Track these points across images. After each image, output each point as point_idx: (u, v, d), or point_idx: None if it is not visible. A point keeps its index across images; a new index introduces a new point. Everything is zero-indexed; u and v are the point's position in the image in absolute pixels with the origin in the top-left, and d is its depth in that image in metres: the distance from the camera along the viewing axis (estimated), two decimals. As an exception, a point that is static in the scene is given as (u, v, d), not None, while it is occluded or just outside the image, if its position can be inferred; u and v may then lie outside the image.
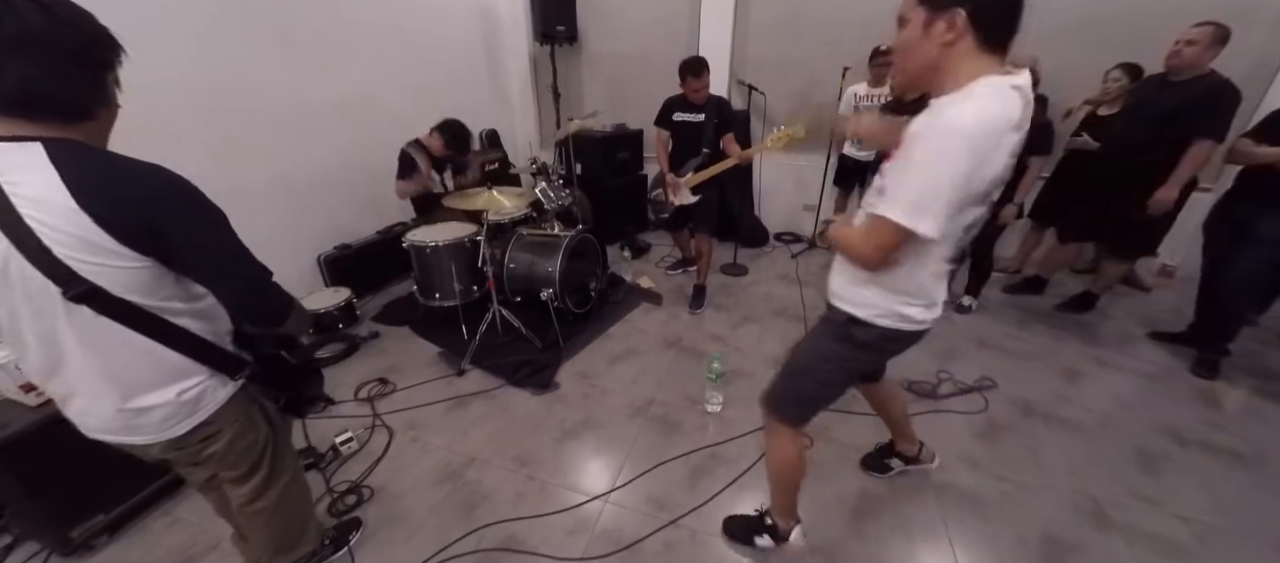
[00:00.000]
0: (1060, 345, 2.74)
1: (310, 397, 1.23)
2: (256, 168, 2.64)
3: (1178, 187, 2.42)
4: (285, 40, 2.77)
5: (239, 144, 2.58)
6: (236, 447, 1.09)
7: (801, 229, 4.36)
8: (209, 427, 1.03)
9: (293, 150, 2.86)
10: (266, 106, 2.72)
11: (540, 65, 4.67)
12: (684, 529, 1.68)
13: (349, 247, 3.23)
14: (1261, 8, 2.90)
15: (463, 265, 2.70)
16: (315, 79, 2.95)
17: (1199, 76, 2.30)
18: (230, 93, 2.54)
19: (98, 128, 0.85)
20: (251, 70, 2.62)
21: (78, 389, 0.93)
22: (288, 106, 2.82)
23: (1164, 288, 3.42)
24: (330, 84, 3.04)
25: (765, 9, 3.96)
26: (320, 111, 3.00)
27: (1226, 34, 2.24)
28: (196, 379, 0.98)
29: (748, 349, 2.72)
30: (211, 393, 1.00)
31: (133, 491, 1.68)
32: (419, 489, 1.85)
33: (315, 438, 1.97)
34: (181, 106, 2.31)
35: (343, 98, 3.13)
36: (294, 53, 2.82)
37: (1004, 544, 1.63)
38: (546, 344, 2.64)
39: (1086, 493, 1.81)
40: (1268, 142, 2.16)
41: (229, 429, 1.06)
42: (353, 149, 3.22)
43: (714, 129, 2.80)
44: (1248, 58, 2.87)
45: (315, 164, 3.01)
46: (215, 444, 1.05)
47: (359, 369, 2.54)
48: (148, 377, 0.93)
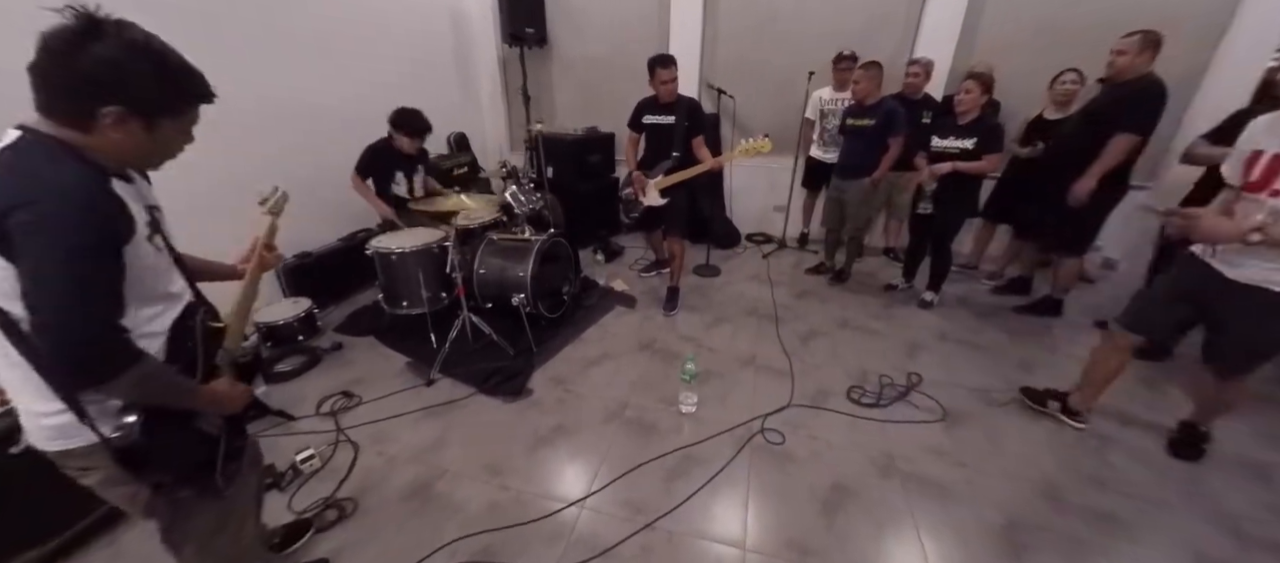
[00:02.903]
0: (1015, 337, 2.87)
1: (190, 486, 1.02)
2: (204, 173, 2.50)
3: (1094, 178, 2.52)
4: (238, 38, 2.65)
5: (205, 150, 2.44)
6: (112, 492, 0.99)
7: (772, 230, 4.44)
8: (78, 459, 0.93)
9: (245, 154, 2.73)
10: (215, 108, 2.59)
11: (510, 67, 4.61)
12: (660, 532, 1.68)
13: (309, 255, 3.10)
14: (1189, 17, 3.12)
15: (430, 272, 2.63)
16: (270, 79, 2.83)
17: (1132, 79, 2.45)
18: None
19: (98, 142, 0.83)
20: (217, 74, 2.49)
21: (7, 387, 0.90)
22: (239, 108, 2.67)
23: (1105, 280, 3.63)
24: (288, 84, 2.92)
25: (733, 14, 4.02)
26: (276, 113, 2.88)
27: (1157, 39, 2.39)
28: (54, 407, 0.88)
29: (721, 349, 2.74)
30: (74, 428, 0.89)
31: (70, 522, 1.56)
32: (387, 505, 1.78)
33: (274, 456, 1.89)
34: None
35: (301, 99, 3.01)
36: (248, 51, 2.70)
37: (967, 529, 1.69)
38: (519, 351, 2.60)
39: (1043, 477, 1.89)
40: (1225, 144, 2.20)
41: (98, 471, 0.95)
42: (313, 152, 3.10)
43: (685, 131, 2.82)
44: (1179, 63, 3.08)
45: (271, 168, 2.85)
46: (89, 478, 0.97)
47: (321, 383, 2.45)
48: (22, 385, 0.88)
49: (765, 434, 2.09)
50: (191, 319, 1.01)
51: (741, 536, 1.67)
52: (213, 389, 1.01)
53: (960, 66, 3.53)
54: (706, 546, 1.64)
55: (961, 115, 2.75)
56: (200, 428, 1.00)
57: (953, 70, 3.60)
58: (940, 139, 2.83)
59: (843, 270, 3.59)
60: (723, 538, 1.66)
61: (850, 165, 3.22)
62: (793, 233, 4.35)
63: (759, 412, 2.22)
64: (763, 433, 2.10)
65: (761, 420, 2.17)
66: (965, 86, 2.70)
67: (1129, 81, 2.45)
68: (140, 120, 0.84)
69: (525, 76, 4.34)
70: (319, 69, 3.12)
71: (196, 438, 1.00)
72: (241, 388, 1.08)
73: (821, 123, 3.78)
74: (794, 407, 2.27)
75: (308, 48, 3.04)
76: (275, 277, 2.97)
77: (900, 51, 3.68)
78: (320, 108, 3.12)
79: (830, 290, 3.50)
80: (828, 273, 3.68)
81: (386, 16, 3.54)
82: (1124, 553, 1.61)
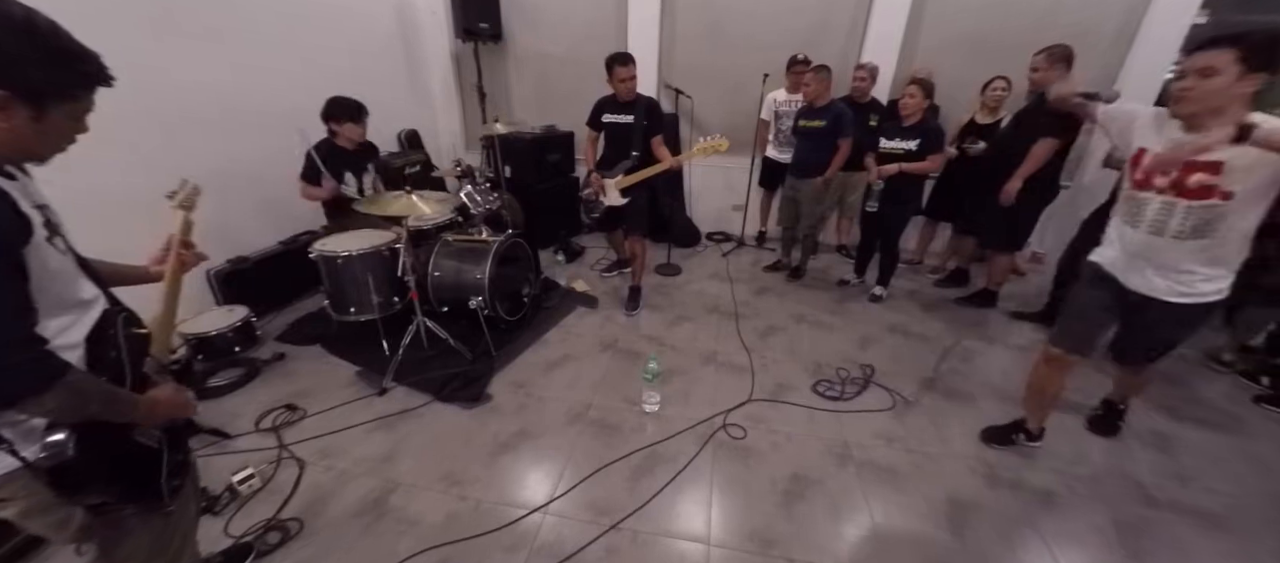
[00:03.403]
0: (957, 327, 3.06)
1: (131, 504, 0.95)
2: (121, 172, 2.29)
3: (1020, 180, 2.73)
4: (161, 26, 2.43)
5: (97, 144, 2.22)
6: (34, 522, 0.90)
7: (731, 228, 4.52)
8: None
9: (170, 152, 2.51)
10: (134, 101, 2.36)
11: (463, 63, 4.47)
12: (625, 532, 1.67)
13: (246, 259, 2.89)
14: (1102, 27, 3.41)
15: (381, 276, 2.51)
16: (199, 71, 2.61)
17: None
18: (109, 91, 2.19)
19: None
20: (117, 59, 2.28)
21: None
22: (162, 102, 2.47)
23: (1036, 273, 3.92)
24: (218, 77, 2.71)
25: (691, 16, 4.06)
26: (205, 108, 2.66)
27: (1065, 54, 2.61)
28: None
29: (683, 347, 2.77)
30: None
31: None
32: (337, 523, 1.69)
33: (208, 479, 1.75)
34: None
35: (234, 93, 2.80)
36: (172, 41, 2.48)
37: (915, 509, 1.79)
38: (477, 355, 2.53)
39: (980, 457, 2.03)
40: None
41: (20, 501, 0.87)
42: (247, 150, 2.89)
43: (644, 131, 2.83)
44: (1094, 70, 3.37)
45: (199, 167, 2.62)
46: (6, 510, 0.88)
47: (261, 396, 2.29)
48: None
49: (727, 430, 2.13)
50: (111, 326, 0.92)
51: (706, 531, 1.69)
52: (153, 398, 0.93)
53: (903, 72, 3.72)
54: (671, 543, 1.65)
55: (905, 118, 2.89)
56: (139, 442, 0.92)
57: (896, 75, 3.78)
58: (887, 140, 2.97)
59: (799, 267, 3.71)
60: (688, 535, 1.68)
61: (803, 165, 3.33)
62: (751, 231, 4.45)
63: (721, 408, 2.25)
64: (725, 428, 2.14)
65: (723, 416, 2.20)
66: (908, 91, 2.85)
67: (1044, 93, 2.65)
68: (27, 108, 0.76)
69: (480, 73, 4.22)
70: (254, 61, 2.91)
71: (137, 452, 0.92)
72: (185, 393, 1.01)
73: (777, 124, 3.88)
74: (754, 401, 2.32)
75: (243, 39, 2.83)
76: (207, 284, 2.75)
77: (849, 57, 3.84)
78: (256, 103, 2.92)
79: (787, 287, 3.61)
80: (785, 270, 3.79)
81: (327, 6, 3.34)
82: (1051, 524, 1.75)
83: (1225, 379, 2.63)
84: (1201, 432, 2.22)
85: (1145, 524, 1.76)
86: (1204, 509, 1.82)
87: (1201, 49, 1.38)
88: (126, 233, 1.23)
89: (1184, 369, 2.69)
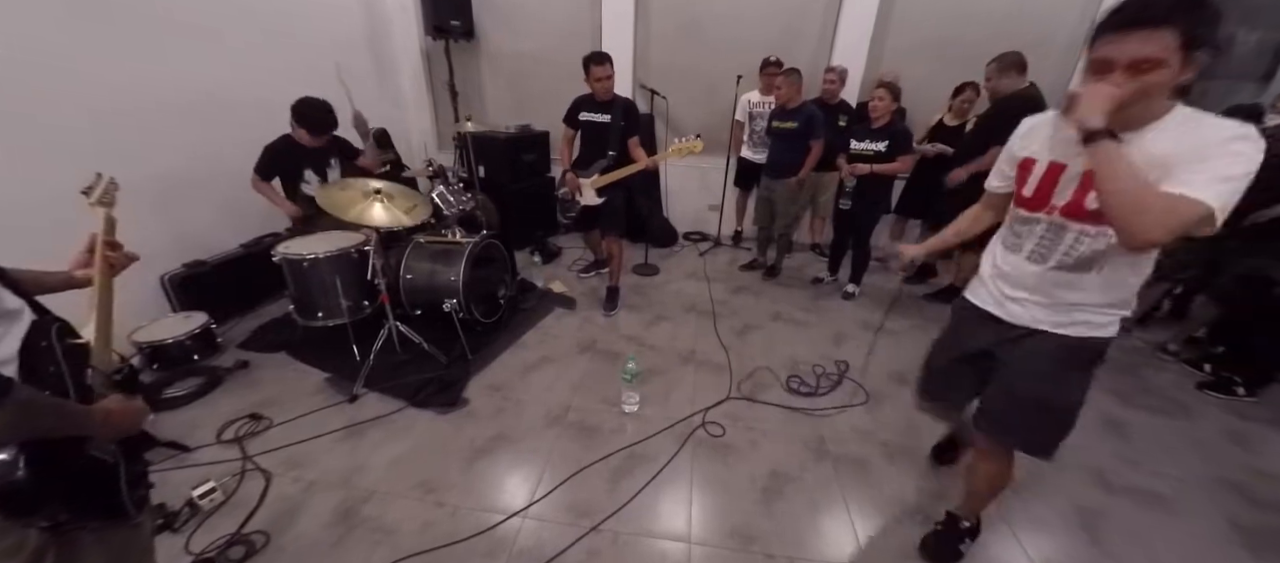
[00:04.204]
0: (928, 323, 3.15)
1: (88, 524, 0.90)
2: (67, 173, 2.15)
3: (967, 173, 2.86)
4: (115, 14, 2.31)
5: (43, 145, 2.10)
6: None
7: (708, 228, 4.56)
8: None
9: (123, 148, 2.38)
10: (88, 94, 2.24)
11: (434, 61, 4.38)
12: (606, 534, 1.66)
13: (203, 263, 2.77)
14: (1055, 37, 3.58)
15: (350, 278, 2.43)
16: (153, 64, 2.49)
17: (1002, 97, 2.80)
18: (40, 75, 2.08)
19: None
20: (71, 48, 2.17)
21: None
22: (114, 101, 2.34)
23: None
24: (173, 70, 2.59)
25: (665, 17, 4.08)
26: (159, 107, 2.54)
27: (1015, 61, 2.73)
28: None
29: (662, 347, 2.77)
30: None
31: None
32: (306, 536, 1.63)
33: (165, 494, 1.66)
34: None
35: (190, 87, 2.67)
36: (126, 30, 2.36)
37: (888, 501, 1.83)
38: (452, 359, 2.47)
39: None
40: None
41: None
42: (205, 150, 2.77)
43: (621, 131, 2.82)
44: (1049, 76, 3.52)
45: (153, 168, 2.54)
46: None
47: (223, 406, 2.18)
48: None
49: (707, 428, 2.14)
50: (45, 338, 0.86)
51: (686, 530, 1.70)
52: (106, 409, 0.88)
53: (871, 75, 3.82)
54: (652, 543, 1.64)
55: (874, 120, 2.97)
56: (93, 456, 0.87)
57: (865, 78, 3.89)
58: (857, 142, 3.04)
59: (774, 266, 3.77)
60: (668, 534, 1.68)
61: (777, 165, 3.39)
62: (727, 231, 4.49)
63: (700, 406, 2.27)
64: (704, 427, 2.15)
65: (702, 415, 2.22)
66: (877, 94, 2.93)
67: (1004, 98, 2.78)
68: None
69: (451, 71, 4.14)
70: (211, 56, 2.78)
71: (92, 466, 0.87)
72: (137, 403, 0.95)
73: (750, 124, 3.93)
74: (733, 400, 2.34)
75: (198, 32, 2.71)
76: (161, 289, 2.62)
77: (819, 60, 3.92)
78: (214, 99, 2.80)
79: (763, 285, 3.66)
80: (761, 268, 3.84)
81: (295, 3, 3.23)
82: (1017, 510, 1.82)
83: (1172, 368, 2.80)
84: (1151, 417, 2.35)
85: (1103, 508, 1.85)
86: (1155, 492, 1.92)
87: (1121, 31, 0.94)
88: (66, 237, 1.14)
89: (1134, 359, 2.85)
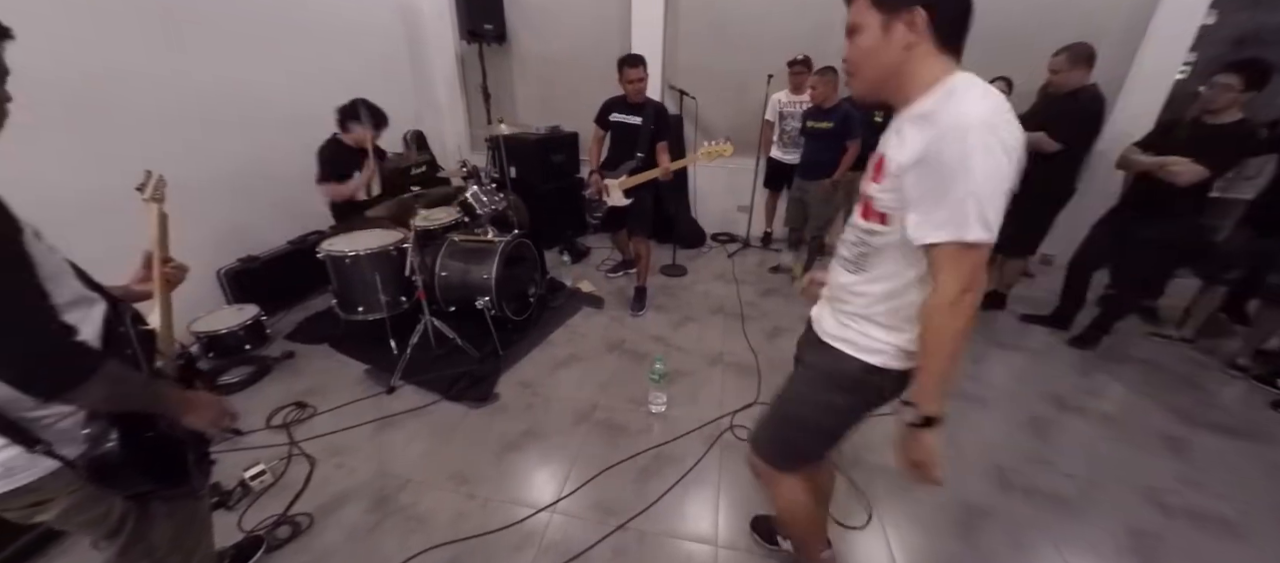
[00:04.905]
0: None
1: (166, 494, 1.00)
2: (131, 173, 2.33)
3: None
4: (178, 27, 2.48)
5: (110, 146, 2.26)
6: (74, 519, 0.91)
7: (736, 229, 4.51)
8: (30, 494, 0.85)
9: (185, 150, 2.54)
10: (147, 104, 2.40)
11: (468, 64, 4.49)
12: (632, 532, 1.67)
13: (255, 259, 2.92)
14: (1112, 28, 3.37)
15: (388, 275, 2.52)
16: (211, 72, 2.64)
17: (1069, 92, 2.62)
18: (111, 82, 2.22)
19: None
20: (137, 58, 2.33)
21: None
22: (174, 104, 2.51)
23: (1045, 275, 3.89)
24: (229, 77, 2.74)
25: (694, 17, 4.07)
26: (215, 110, 2.69)
27: (1087, 52, 2.56)
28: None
29: (689, 348, 2.76)
30: (25, 460, 0.82)
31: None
32: (346, 519, 1.70)
33: (221, 474, 1.76)
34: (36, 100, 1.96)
35: (244, 93, 2.83)
36: (187, 42, 2.52)
37: (924, 514, 1.77)
38: (484, 354, 2.53)
39: (992, 461, 2.01)
40: (1152, 151, 2.40)
41: (62, 500, 0.88)
42: (256, 151, 2.93)
43: (651, 135, 2.83)
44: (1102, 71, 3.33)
45: (210, 168, 2.70)
46: (45, 513, 0.89)
47: (272, 394, 2.31)
48: None
49: (734, 431, 2.12)
50: (121, 323, 0.93)
51: (713, 533, 1.69)
52: (191, 395, 0.96)
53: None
54: (678, 544, 1.64)
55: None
56: (167, 434, 0.94)
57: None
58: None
59: (807, 268, 3.70)
60: (695, 536, 1.67)
61: (812, 166, 3.32)
62: (756, 232, 4.44)
63: (728, 409, 2.25)
64: (732, 430, 2.13)
65: (730, 417, 2.20)
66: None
67: (1067, 95, 2.62)
68: None
69: (485, 74, 4.24)
70: (266, 65, 2.94)
71: (165, 442, 0.94)
72: (213, 395, 1.02)
73: (781, 124, 3.87)
74: (762, 403, 2.31)
75: (253, 44, 2.86)
76: (217, 283, 2.78)
77: (855, 57, 3.82)
78: (263, 104, 2.95)
79: (794, 288, 3.59)
80: (785, 272, 3.77)
81: (332, 7, 3.37)
82: (1064, 530, 1.73)
83: (1241, 384, 2.60)
84: (1216, 437, 2.19)
85: (1160, 531, 1.73)
86: (1219, 516, 1.79)
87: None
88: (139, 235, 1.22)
89: (1197, 373, 2.66)
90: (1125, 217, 2.62)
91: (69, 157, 2.09)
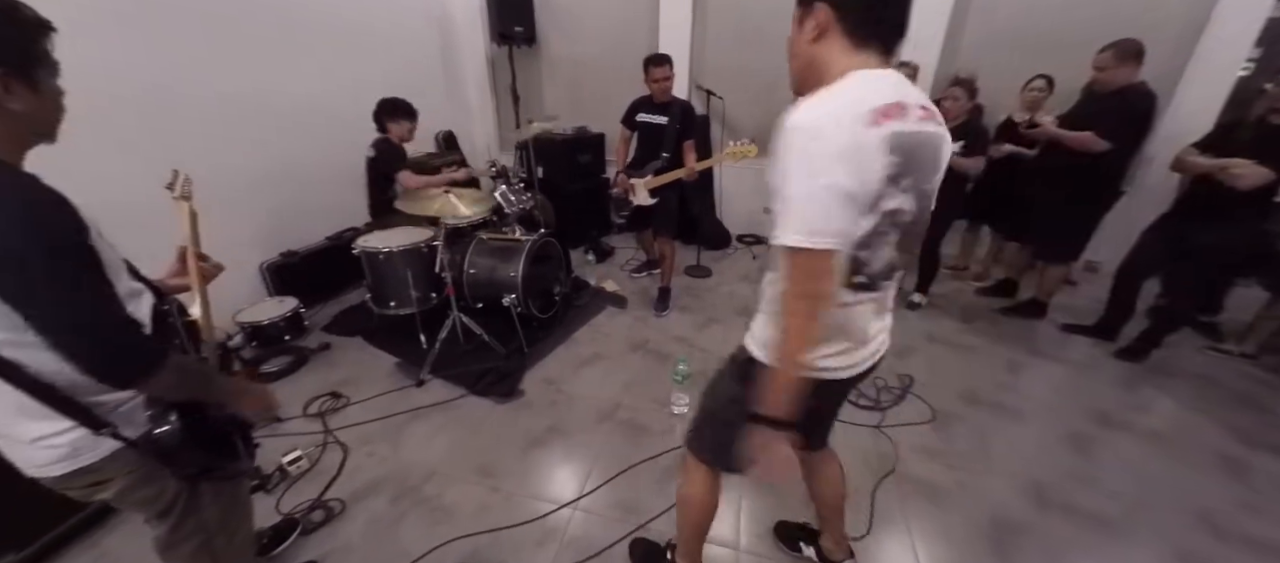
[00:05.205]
0: (1001, 338, 2.92)
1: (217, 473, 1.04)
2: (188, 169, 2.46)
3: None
4: (224, 34, 2.60)
5: (168, 143, 2.39)
6: (130, 497, 0.97)
7: (762, 231, 4.46)
8: (92, 474, 0.90)
9: (230, 151, 2.67)
10: (201, 103, 2.54)
11: (498, 66, 4.57)
12: (653, 533, 1.67)
13: (295, 254, 3.05)
14: (1167, 22, 3.19)
15: (419, 271, 2.60)
16: (254, 76, 2.77)
17: (1116, 90, 2.48)
18: (162, 87, 2.35)
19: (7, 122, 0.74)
20: (186, 63, 2.45)
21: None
22: (225, 104, 2.64)
23: (1089, 282, 3.70)
24: (271, 81, 2.87)
25: (722, 17, 4.04)
26: (260, 110, 2.82)
27: (1135, 49, 2.42)
28: (63, 426, 0.84)
29: (713, 350, 2.74)
30: (90, 442, 0.87)
31: (50, 525, 1.51)
32: (376, 507, 1.76)
33: (261, 459, 1.84)
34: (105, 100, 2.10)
35: (286, 96, 2.96)
36: (233, 48, 2.65)
37: (956, 529, 1.71)
38: (510, 351, 2.58)
39: (1029, 476, 1.92)
40: (1212, 152, 2.26)
41: (120, 479, 0.93)
42: (298, 150, 3.05)
43: (676, 134, 2.83)
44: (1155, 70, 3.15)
45: (255, 166, 2.83)
46: (104, 492, 0.94)
47: (308, 383, 2.40)
48: (14, 414, 0.82)
49: (757, 434, 2.10)
50: (170, 315, 0.99)
51: (735, 536, 1.67)
52: (242, 384, 1.05)
53: (945, 71, 3.58)
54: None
55: (949, 121, 2.78)
56: (218, 418, 1.01)
57: (938, 73, 3.65)
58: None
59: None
60: (716, 539, 1.66)
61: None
62: (783, 234, 4.37)
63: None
64: (755, 433, 2.10)
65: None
66: (951, 94, 2.74)
67: (1115, 93, 2.47)
68: (21, 81, 0.74)
69: (514, 75, 4.31)
70: (300, 71, 3.06)
71: (218, 427, 1.01)
72: (263, 385, 1.10)
73: (811, 125, 3.80)
74: (785, 407, 2.28)
75: (292, 47, 2.99)
76: (259, 276, 2.91)
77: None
78: (303, 109, 3.07)
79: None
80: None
81: (369, 13, 3.48)
82: (1109, 551, 1.64)
83: (1307, 403, 2.42)
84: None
85: (1212, 556, 1.63)
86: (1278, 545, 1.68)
87: None
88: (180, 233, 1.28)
89: (1262, 391, 2.49)
90: (1180, 222, 2.47)
91: (123, 158, 2.21)
